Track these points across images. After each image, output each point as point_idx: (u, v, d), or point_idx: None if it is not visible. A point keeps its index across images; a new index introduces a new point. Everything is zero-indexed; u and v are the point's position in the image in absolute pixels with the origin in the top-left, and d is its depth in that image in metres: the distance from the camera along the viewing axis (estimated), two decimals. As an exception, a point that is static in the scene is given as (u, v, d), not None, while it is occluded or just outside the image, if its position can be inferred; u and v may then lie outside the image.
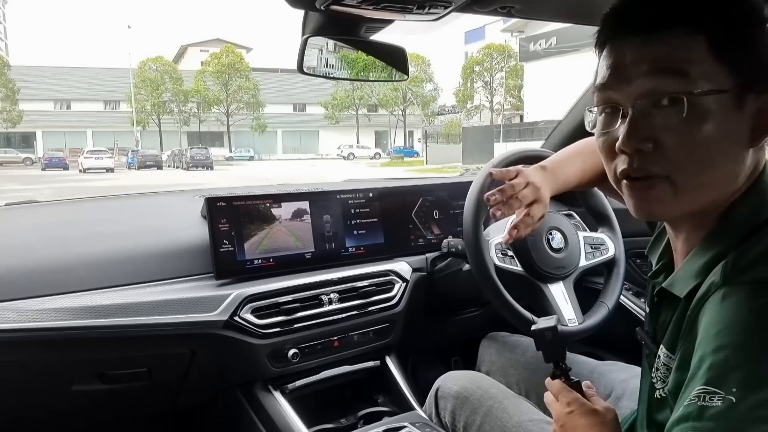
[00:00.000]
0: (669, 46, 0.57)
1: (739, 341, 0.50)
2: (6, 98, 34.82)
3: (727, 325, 0.51)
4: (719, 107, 0.57)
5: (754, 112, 0.58)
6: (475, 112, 41.26)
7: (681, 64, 0.57)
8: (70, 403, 1.17)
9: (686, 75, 0.57)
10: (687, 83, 0.57)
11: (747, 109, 0.58)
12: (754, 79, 0.57)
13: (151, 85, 37.03)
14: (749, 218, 0.59)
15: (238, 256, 1.19)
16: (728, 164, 0.59)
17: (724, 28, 0.57)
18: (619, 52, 0.61)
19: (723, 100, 0.57)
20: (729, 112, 0.57)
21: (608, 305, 1.29)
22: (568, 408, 0.74)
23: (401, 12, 0.99)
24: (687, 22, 0.57)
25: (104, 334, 1.04)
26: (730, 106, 0.57)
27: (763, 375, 0.48)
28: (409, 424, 1.11)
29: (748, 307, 0.51)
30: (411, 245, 1.45)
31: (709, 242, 0.61)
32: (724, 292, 0.54)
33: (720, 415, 0.48)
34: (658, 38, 0.58)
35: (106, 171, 25.38)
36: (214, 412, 1.32)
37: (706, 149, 0.58)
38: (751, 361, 0.49)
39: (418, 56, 37.09)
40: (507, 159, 1.37)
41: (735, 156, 0.59)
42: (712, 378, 0.50)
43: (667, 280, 0.65)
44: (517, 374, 1.21)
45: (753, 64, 0.57)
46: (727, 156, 0.59)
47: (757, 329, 0.50)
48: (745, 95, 0.57)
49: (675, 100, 0.57)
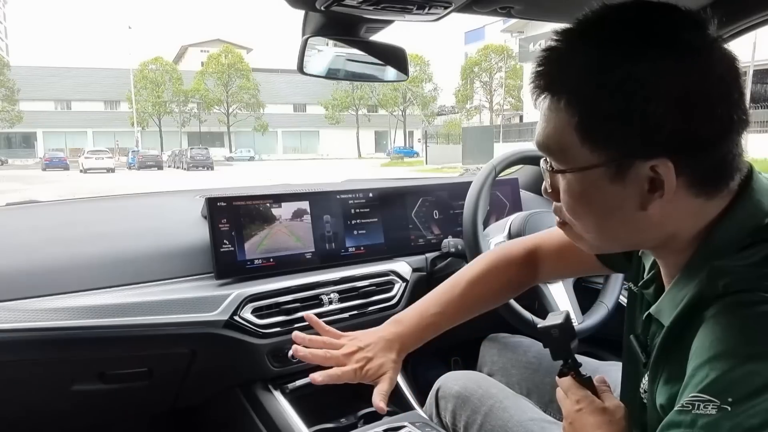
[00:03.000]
0: (545, 118, 0.60)
1: (734, 350, 0.50)
2: (6, 98, 34.83)
3: (723, 335, 0.51)
4: (592, 182, 0.58)
5: (644, 176, 0.55)
6: (474, 112, 41.27)
7: (548, 142, 0.60)
8: (70, 403, 1.17)
9: (552, 153, 0.60)
10: (559, 160, 0.60)
11: (632, 176, 0.55)
12: (635, 149, 0.54)
13: (151, 86, 37.04)
14: (731, 241, 0.57)
15: (238, 256, 1.20)
16: (625, 226, 0.60)
17: (586, 101, 0.55)
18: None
19: (595, 175, 0.57)
20: (604, 185, 0.57)
21: (608, 305, 1.29)
22: (578, 405, 0.73)
23: (401, 12, 0.99)
24: (557, 92, 0.57)
25: (105, 333, 1.04)
26: (605, 179, 0.57)
27: (757, 384, 0.48)
28: (409, 423, 1.11)
29: (742, 316, 0.51)
30: (411, 245, 1.45)
31: (690, 271, 0.59)
32: (719, 303, 0.53)
33: (713, 423, 0.48)
34: (543, 108, 0.60)
35: (106, 171, 25.38)
36: (214, 412, 1.32)
37: (590, 218, 0.61)
38: (746, 371, 0.49)
39: (418, 56, 37.08)
40: (507, 159, 1.37)
41: (628, 220, 0.59)
42: (706, 386, 0.49)
43: (654, 307, 0.64)
44: (519, 374, 1.21)
45: (629, 135, 0.54)
46: (618, 222, 0.60)
47: (753, 338, 0.50)
48: (627, 164, 0.55)
49: (556, 170, 0.61)
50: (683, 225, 0.59)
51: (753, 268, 0.54)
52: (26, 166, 33.42)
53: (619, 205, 0.58)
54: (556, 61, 0.58)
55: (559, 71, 0.57)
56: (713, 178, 0.56)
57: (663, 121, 0.53)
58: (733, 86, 0.55)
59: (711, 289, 0.55)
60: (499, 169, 1.33)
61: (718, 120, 0.54)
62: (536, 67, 0.59)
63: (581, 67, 0.56)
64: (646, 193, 0.56)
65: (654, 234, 0.60)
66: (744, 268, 0.54)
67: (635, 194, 0.56)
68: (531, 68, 0.61)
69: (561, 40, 0.58)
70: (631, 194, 0.57)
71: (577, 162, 0.58)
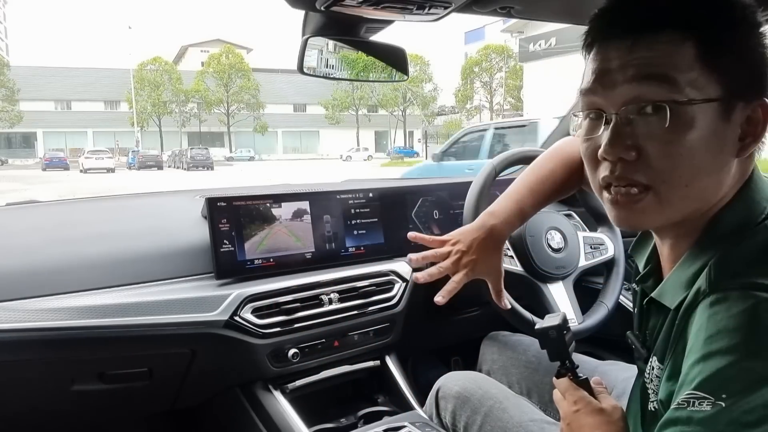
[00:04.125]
0: (655, 51, 0.56)
1: (728, 347, 0.50)
2: (6, 98, 34.84)
3: (717, 332, 0.51)
4: (705, 116, 0.55)
5: (742, 121, 0.57)
6: (475, 112, 41.24)
7: (667, 71, 0.55)
8: (70, 403, 1.17)
9: (672, 82, 0.55)
10: (672, 91, 0.55)
11: (735, 118, 0.56)
12: (744, 88, 0.56)
13: (150, 86, 37.04)
14: (737, 226, 0.58)
15: (238, 256, 1.19)
16: (714, 174, 0.58)
17: (714, 33, 0.55)
18: (605, 56, 0.59)
19: (709, 110, 0.55)
20: (716, 121, 0.56)
21: (608, 305, 1.29)
22: (575, 407, 0.73)
23: (401, 12, 0.99)
24: (675, 26, 0.56)
25: (105, 333, 1.04)
26: (717, 116, 0.56)
27: (752, 381, 0.48)
28: (409, 423, 1.11)
29: (736, 313, 0.51)
30: (411, 245, 1.44)
31: (697, 251, 0.60)
32: (713, 299, 0.53)
33: (708, 420, 0.48)
34: (644, 42, 0.56)
35: (106, 171, 25.39)
36: (214, 412, 1.32)
37: (690, 159, 0.56)
38: (741, 367, 0.49)
39: (418, 56, 37.09)
40: (507, 159, 1.37)
41: (721, 166, 0.58)
42: (702, 383, 0.50)
43: (656, 291, 0.64)
44: (519, 373, 1.21)
45: (743, 72, 0.56)
46: (712, 166, 0.57)
47: (746, 335, 0.50)
48: (733, 104, 0.56)
49: (660, 108, 0.55)
50: (726, 191, 0.60)
51: (751, 263, 0.54)
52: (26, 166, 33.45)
53: (722, 146, 0.57)
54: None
55: (683, 2, 0.57)
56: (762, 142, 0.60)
57: (763, 63, 0.57)
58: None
59: (708, 284, 0.55)
60: (499, 169, 1.33)
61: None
62: (635, 1, 0.59)
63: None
64: (737, 140, 0.57)
65: (720, 193, 0.60)
66: (741, 261, 0.55)
67: (734, 137, 0.57)
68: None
69: None
70: (731, 137, 0.57)
71: (701, 94, 0.55)
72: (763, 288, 0.51)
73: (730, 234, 0.58)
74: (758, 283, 0.52)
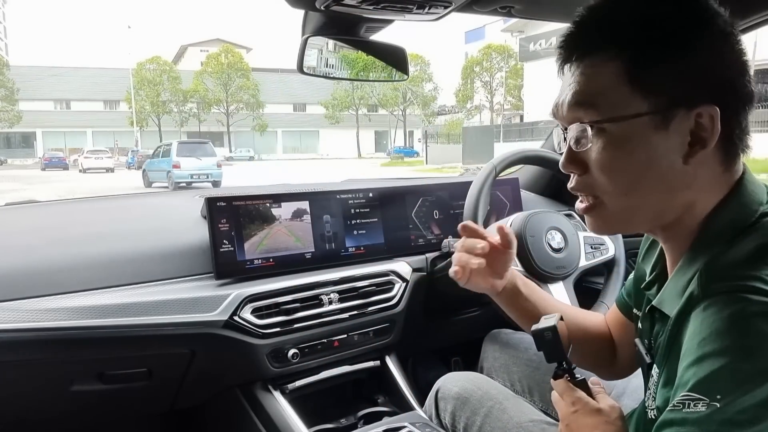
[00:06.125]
0: (586, 75, 0.60)
1: (721, 349, 0.51)
2: (5, 98, 34.84)
3: (709, 335, 0.52)
4: (637, 130, 0.58)
5: (691, 127, 0.58)
6: (475, 112, 41.27)
7: (591, 97, 0.60)
8: (70, 403, 1.17)
9: (596, 106, 0.60)
10: (599, 113, 0.59)
11: (675, 126, 0.58)
12: (681, 96, 0.57)
13: (149, 85, 37.02)
14: (727, 230, 0.59)
15: (238, 256, 1.19)
16: (659, 184, 0.60)
17: (641, 51, 0.57)
18: (562, 79, 0.64)
19: (640, 123, 0.58)
20: (649, 134, 0.58)
21: (608, 305, 1.29)
22: (573, 407, 0.73)
23: (401, 12, 0.99)
24: (606, 47, 0.59)
25: (104, 334, 1.04)
26: (650, 127, 0.58)
27: (745, 381, 0.49)
28: (409, 424, 1.11)
29: (727, 316, 0.52)
30: (411, 245, 1.44)
31: (691, 257, 0.61)
32: (705, 304, 0.54)
33: (703, 421, 0.49)
34: (581, 66, 0.61)
35: (105, 171, 25.37)
36: (214, 412, 1.32)
37: (624, 172, 0.60)
38: (733, 368, 0.50)
39: (418, 56, 37.10)
40: (507, 159, 1.37)
41: (665, 175, 0.59)
42: (696, 385, 0.51)
43: (657, 298, 0.66)
44: (520, 371, 1.21)
45: (678, 80, 0.57)
46: (655, 174, 0.60)
47: (738, 337, 0.51)
48: (671, 114, 0.57)
49: (592, 128, 0.60)
50: (702, 196, 0.61)
51: (741, 266, 0.55)
52: (25, 165, 33.44)
53: (662, 155, 0.59)
54: (603, 16, 0.60)
55: (609, 24, 0.60)
56: (735, 145, 0.60)
57: (711, 69, 0.57)
58: (747, 65, 0.60)
59: (700, 289, 0.56)
60: (500, 168, 1.33)
61: (749, 82, 0.59)
62: (575, 28, 0.62)
63: (631, 17, 0.58)
64: (687, 146, 0.58)
65: (680, 199, 0.61)
66: (732, 266, 0.56)
67: (678, 145, 0.58)
68: (556, 42, 0.64)
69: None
70: (674, 145, 0.58)
71: (626, 111, 0.58)
72: (752, 290, 0.52)
73: (720, 238, 0.59)
74: (747, 285, 0.52)
